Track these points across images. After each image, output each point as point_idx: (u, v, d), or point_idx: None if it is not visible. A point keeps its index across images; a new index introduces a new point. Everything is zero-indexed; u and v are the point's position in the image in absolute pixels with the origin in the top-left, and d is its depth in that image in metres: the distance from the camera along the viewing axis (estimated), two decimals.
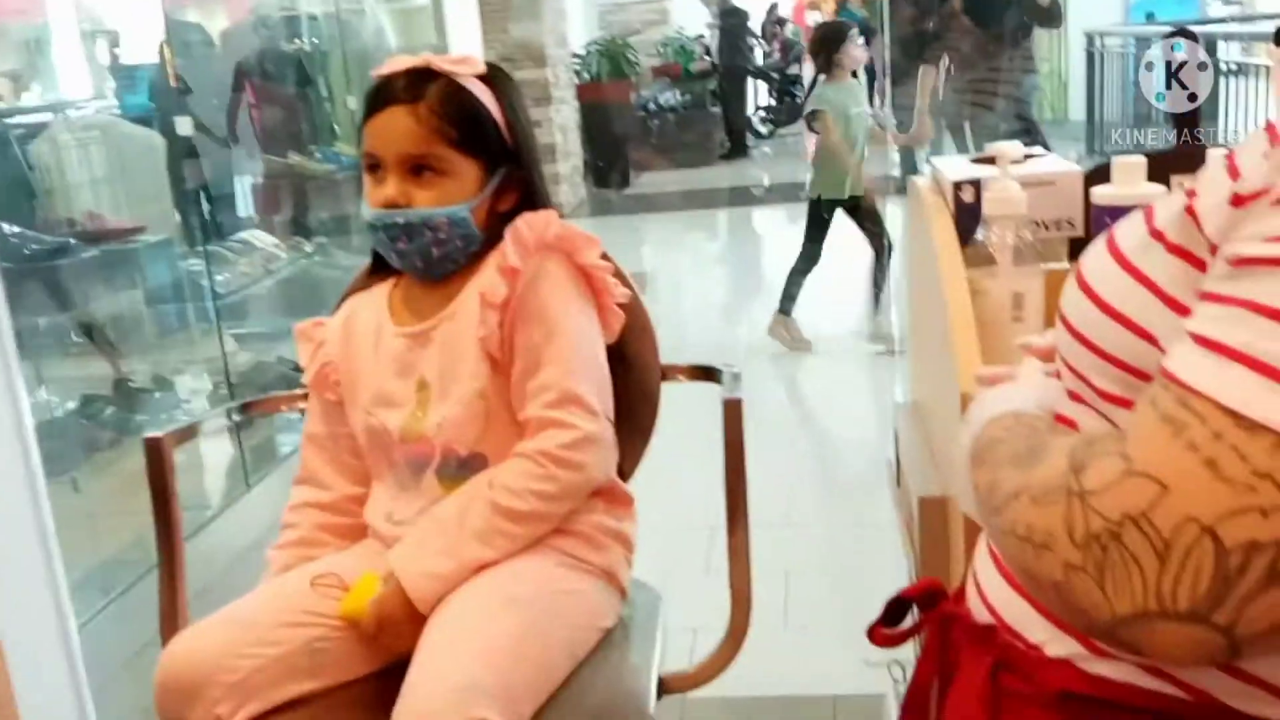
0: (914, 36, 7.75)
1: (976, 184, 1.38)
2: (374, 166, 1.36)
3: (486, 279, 1.35)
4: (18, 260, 2.93)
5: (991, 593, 0.82)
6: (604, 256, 1.42)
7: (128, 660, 2.43)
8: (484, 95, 1.37)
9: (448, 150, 1.33)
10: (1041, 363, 0.90)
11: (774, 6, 13.89)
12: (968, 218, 1.36)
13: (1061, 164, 1.44)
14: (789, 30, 13.20)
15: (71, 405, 3.24)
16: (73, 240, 3.22)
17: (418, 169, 1.33)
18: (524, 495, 1.30)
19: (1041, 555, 0.63)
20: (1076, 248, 1.39)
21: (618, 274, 1.44)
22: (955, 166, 1.47)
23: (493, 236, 1.38)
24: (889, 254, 4.44)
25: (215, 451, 3.45)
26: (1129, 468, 0.59)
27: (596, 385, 1.36)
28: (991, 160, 1.36)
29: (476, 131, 1.35)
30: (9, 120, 3.69)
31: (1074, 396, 0.76)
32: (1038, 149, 1.52)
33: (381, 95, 1.35)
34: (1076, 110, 9.77)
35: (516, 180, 1.40)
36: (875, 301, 4.58)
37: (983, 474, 0.74)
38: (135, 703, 2.24)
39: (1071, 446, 0.64)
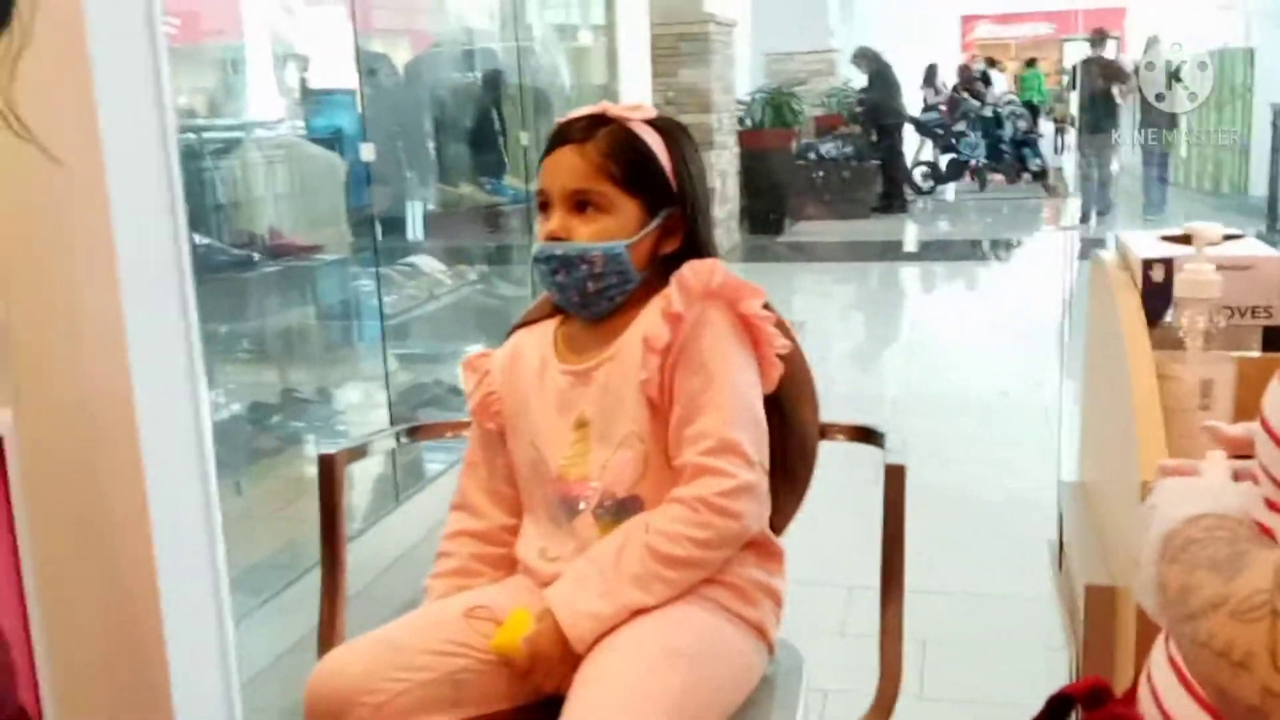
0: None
1: (1168, 263, 1.33)
2: (544, 204, 1.41)
3: (649, 322, 1.36)
4: (206, 270, 3.08)
5: (1169, 700, 0.78)
6: (766, 306, 1.42)
7: (276, 660, 2.52)
8: (653, 140, 1.40)
9: (610, 188, 1.37)
10: (1228, 459, 0.86)
11: (935, 66, 13.77)
12: (1157, 298, 1.31)
13: (1261, 248, 1.38)
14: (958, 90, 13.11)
15: (240, 410, 3.39)
16: (256, 255, 3.37)
17: (582, 205, 1.37)
18: (680, 541, 1.30)
19: (1238, 675, 0.60)
20: (1272, 336, 1.32)
21: (780, 324, 1.44)
22: (1144, 243, 1.42)
23: (655, 279, 1.40)
24: None
25: (369, 466, 3.56)
26: None
27: (753, 435, 1.35)
28: (1184, 239, 1.32)
29: (640, 171, 1.38)
30: (204, 136, 3.89)
31: (1273, 506, 0.73)
32: (1234, 229, 1.46)
33: (557, 138, 1.41)
34: (1258, 185, 9.33)
35: (680, 224, 1.41)
36: None
37: (1175, 573, 0.70)
38: (279, 702, 2.32)
39: (1278, 562, 0.61)
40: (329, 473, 1.46)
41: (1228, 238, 1.36)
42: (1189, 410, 1.20)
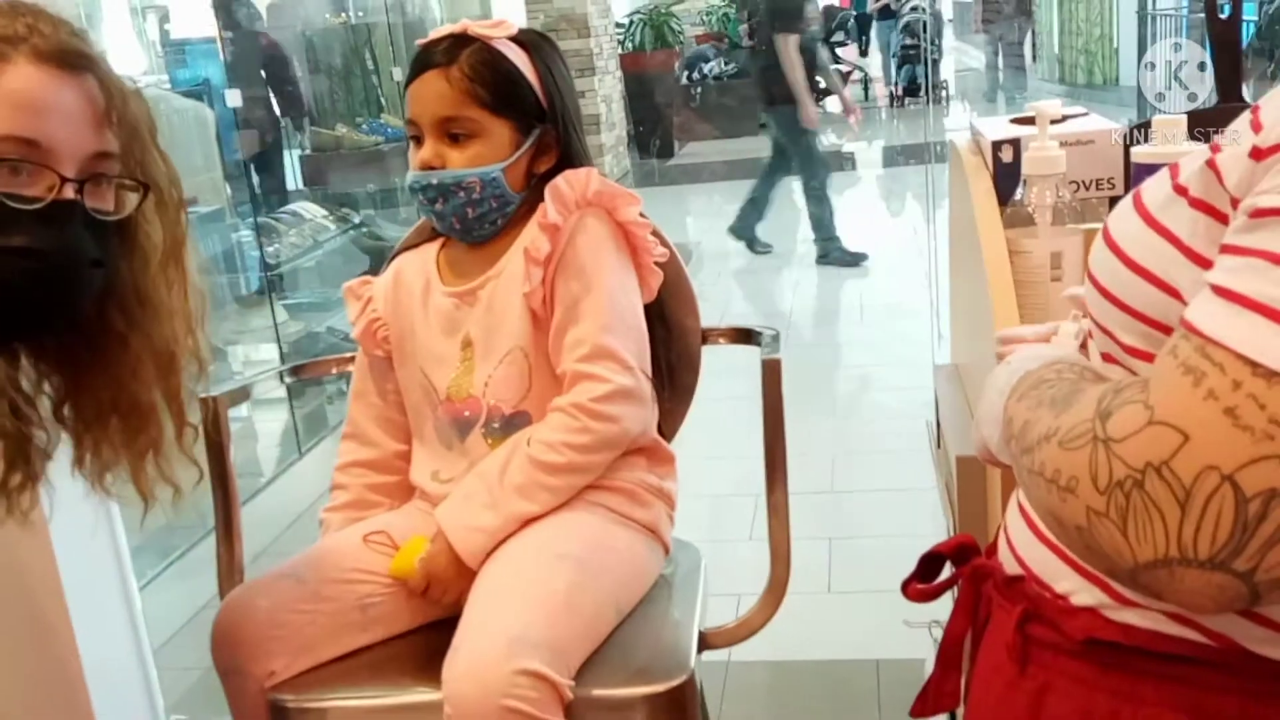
0: None
1: (1016, 143, 1.37)
2: (415, 134, 1.39)
3: (530, 236, 1.37)
4: None
5: (1020, 545, 0.83)
6: (642, 215, 1.43)
7: (186, 620, 2.50)
8: (518, 57, 1.39)
9: (479, 112, 1.35)
10: (1078, 325, 0.91)
11: None
12: (1007, 178, 1.36)
13: (1101, 123, 1.43)
14: None
15: None
16: None
17: (453, 132, 1.36)
18: (558, 448, 1.32)
19: (1066, 499, 0.64)
20: None
21: (656, 233, 1.46)
22: (995, 126, 1.46)
23: (534, 197, 1.39)
24: None
25: (269, 420, 3.52)
26: (1151, 416, 0.60)
27: (631, 340, 1.37)
28: (1032, 120, 1.36)
29: (508, 93, 1.37)
30: None
31: (1106, 357, 0.77)
32: (1078, 108, 1.51)
33: (420, 62, 1.38)
34: (1128, 75, 9.58)
35: (554, 141, 1.41)
36: None
37: (1020, 409, 0.74)
38: (195, 661, 2.31)
39: (1100, 393, 0.65)
40: (212, 416, 1.44)
41: (1068, 117, 1.42)
42: (1041, 282, 1.25)
